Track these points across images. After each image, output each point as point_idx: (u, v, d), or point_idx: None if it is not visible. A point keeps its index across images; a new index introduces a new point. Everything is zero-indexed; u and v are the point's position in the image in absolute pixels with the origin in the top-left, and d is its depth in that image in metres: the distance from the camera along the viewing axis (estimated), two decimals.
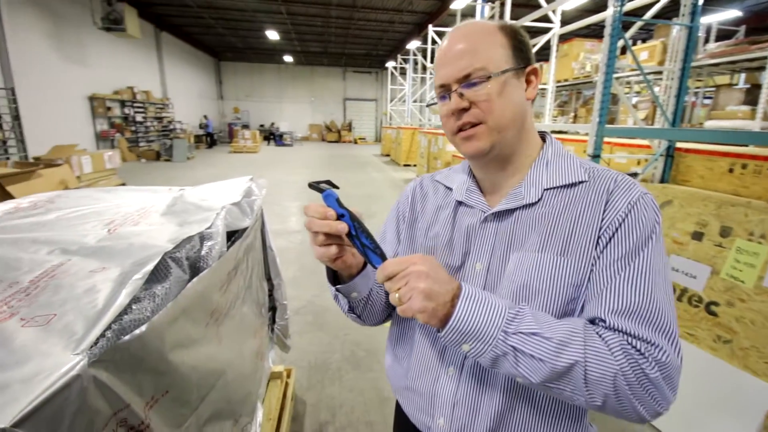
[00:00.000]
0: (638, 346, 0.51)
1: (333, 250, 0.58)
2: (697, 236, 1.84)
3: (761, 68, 5.10)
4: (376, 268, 0.56)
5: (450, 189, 0.74)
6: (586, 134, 3.93)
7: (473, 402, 0.62)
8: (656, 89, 6.04)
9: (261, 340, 1.55)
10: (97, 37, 10.70)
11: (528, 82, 0.64)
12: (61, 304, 0.68)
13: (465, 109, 0.61)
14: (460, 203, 0.70)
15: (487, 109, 0.60)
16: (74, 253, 0.89)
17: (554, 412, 0.61)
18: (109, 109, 11.48)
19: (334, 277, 0.69)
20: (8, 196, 3.70)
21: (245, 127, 20.65)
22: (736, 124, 4.60)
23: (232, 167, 11.23)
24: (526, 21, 5.08)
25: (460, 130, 0.63)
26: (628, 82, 7.69)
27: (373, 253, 0.56)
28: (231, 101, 23.51)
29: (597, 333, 0.53)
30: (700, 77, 6.48)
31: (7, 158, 7.26)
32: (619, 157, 5.17)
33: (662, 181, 3.91)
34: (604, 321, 0.54)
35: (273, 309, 1.81)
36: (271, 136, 20.25)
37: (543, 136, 0.71)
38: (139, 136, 12.83)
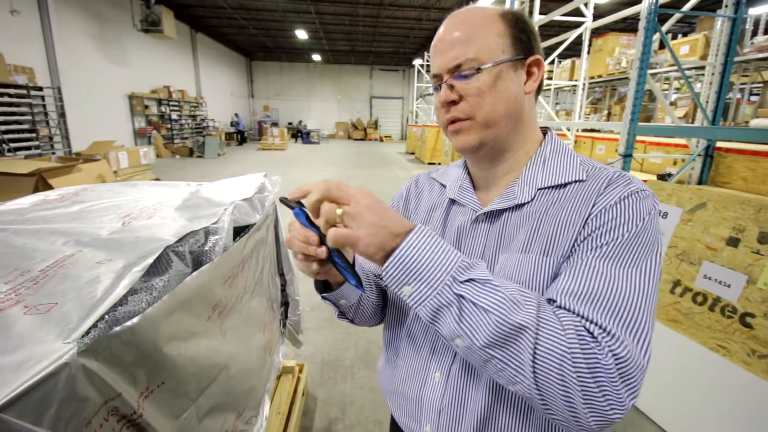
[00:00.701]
0: (592, 330, 0.45)
1: (314, 267, 0.56)
2: (733, 242, 1.72)
3: None
4: (352, 285, 0.54)
5: (445, 186, 0.71)
6: (619, 133, 3.75)
7: (458, 408, 0.60)
8: (698, 86, 5.70)
9: (271, 334, 1.57)
10: (137, 38, 11.21)
11: (529, 74, 0.61)
12: (64, 293, 0.70)
13: (454, 102, 0.58)
14: (453, 201, 0.68)
15: (476, 104, 0.57)
16: (86, 245, 0.92)
17: (538, 419, 0.57)
18: (146, 107, 12.03)
19: (324, 285, 0.67)
20: (50, 189, 3.94)
21: (274, 125, 21.09)
22: None
23: (260, 164, 11.50)
24: (556, 15, 4.91)
25: (451, 122, 0.60)
26: (667, 78, 7.30)
27: (345, 271, 0.55)
28: (261, 99, 24.09)
29: (550, 309, 0.47)
30: (747, 72, 6.05)
31: (53, 153, 7.74)
32: (653, 156, 4.91)
33: (700, 182, 3.68)
34: (555, 301, 0.49)
35: (285, 304, 1.83)
36: (299, 133, 20.60)
37: (546, 131, 0.67)
38: (174, 134, 13.36)
